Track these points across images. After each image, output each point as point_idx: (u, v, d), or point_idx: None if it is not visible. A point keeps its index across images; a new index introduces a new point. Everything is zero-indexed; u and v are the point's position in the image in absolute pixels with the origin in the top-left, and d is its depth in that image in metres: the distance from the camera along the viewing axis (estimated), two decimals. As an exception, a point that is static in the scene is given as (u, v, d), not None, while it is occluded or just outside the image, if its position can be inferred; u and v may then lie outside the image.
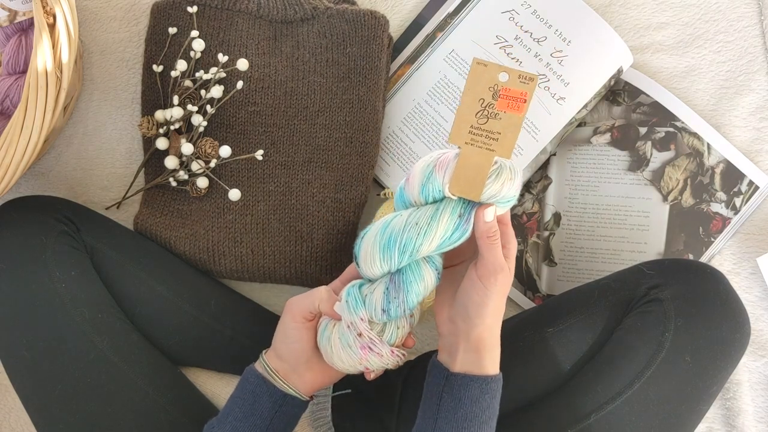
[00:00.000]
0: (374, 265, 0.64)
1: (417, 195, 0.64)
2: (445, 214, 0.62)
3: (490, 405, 0.62)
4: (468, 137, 0.61)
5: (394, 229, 0.63)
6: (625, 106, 0.93)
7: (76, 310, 0.74)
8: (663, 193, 0.91)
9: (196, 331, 0.83)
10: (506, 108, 0.60)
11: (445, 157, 0.63)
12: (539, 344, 0.76)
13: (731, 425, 0.88)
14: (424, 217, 0.62)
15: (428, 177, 0.63)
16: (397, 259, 0.63)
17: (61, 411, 0.73)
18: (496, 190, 0.62)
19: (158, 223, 0.87)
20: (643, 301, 0.73)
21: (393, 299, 0.63)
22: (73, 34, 0.72)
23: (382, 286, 0.64)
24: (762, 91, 0.94)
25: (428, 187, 0.63)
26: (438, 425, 0.62)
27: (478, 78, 0.60)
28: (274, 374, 0.67)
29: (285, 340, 0.68)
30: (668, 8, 0.96)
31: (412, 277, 0.64)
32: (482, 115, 0.61)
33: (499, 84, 0.60)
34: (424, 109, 0.91)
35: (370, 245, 0.64)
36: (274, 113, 0.89)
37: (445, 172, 0.62)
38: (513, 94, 0.60)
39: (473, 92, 0.61)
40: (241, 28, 0.90)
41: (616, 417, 0.70)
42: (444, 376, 0.63)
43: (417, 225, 0.62)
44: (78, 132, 0.94)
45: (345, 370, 0.67)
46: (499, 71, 0.60)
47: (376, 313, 0.64)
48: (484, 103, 0.61)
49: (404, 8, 0.96)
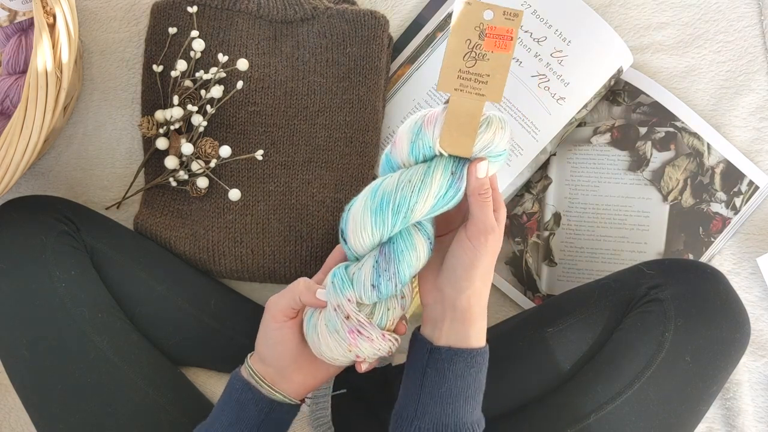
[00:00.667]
0: (365, 233, 0.60)
1: (406, 155, 0.61)
2: (438, 170, 0.59)
3: (476, 379, 0.61)
4: (457, 83, 0.59)
5: (386, 189, 0.60)
6: (625, 106, 0.93)
7: (76, 310, 0.74)
8: (663, 193, 0.91)
9: (196, 331, 0.83)
10: (493, 47, 0.58)
11: (432, 113, 0.61)
12: (539, 344, 0.76)
13: (731, 425, 0.88)
14: (416, 174, 0.59)
15: (417, 134, 0.60)
16: (391, 221, 0.59)
17: (61, 411, 0.73)
18: (488, 140, 0.59)
19: (158, 223, 0.87)
20: (643, 301, 0.73)
21: (383, 272, 0.60)
22: (73, 34, 0.72)
23: (371, 260, 0.61)
24: (762, 91, 0.94)
25: (418, 144, 0.60)
26: (422, 400, 0.60)
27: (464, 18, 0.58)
28: (261, 380, 0.65)
29: (267, 343, 0.65)
30: (668, 8, 0.96)
31: (403, 246, 0.60)
32: (470, 57, 0.58)
33: (484, 23, 0.58)
34: (424, 109, 0.91)
35: (359, 212, 0.60)
36: (274, 113, 0.89)
37: (434, 127, 0.60)
38: (499, 32, 0.58)
39: (460, 33, 0.58)
40: (241, 28, 0.90)
41: (616, 417, 0.70)
42: (427, 349, 0.61)
43: (410, 182, 0.59)
44: (78, 132, 0.94)
45: (334, 360, 0.62)
46: (484, 8, 0.58)
47: (366, 291, 0.60)
48: (471, 44, 0.58)
49: (404, 8, 0.96)
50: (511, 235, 0.92)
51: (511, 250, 0.92)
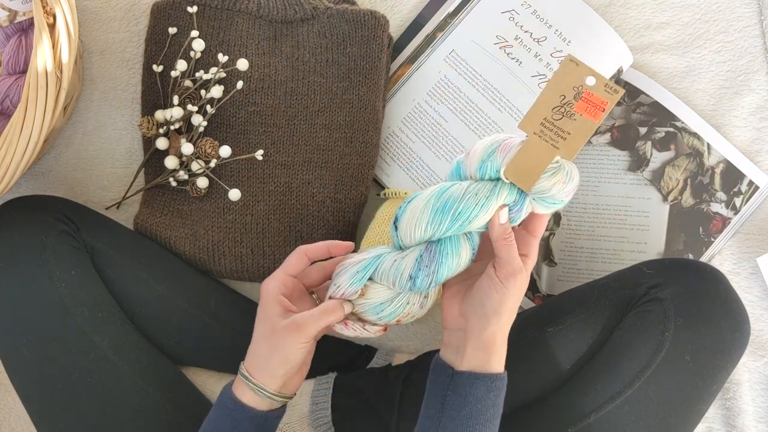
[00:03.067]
0: (418, 229, 0.63)
1: (474, 170, 0.64)
2: (503, 192, 0.62)
3: (495, 403, 0.62)
4: (538, 128, 0.62)
5: (452, 195, 0.62)
6: (625, 106, 0.93)
7: (76, 310, 0.74)
8: (663, 193, 0.91)
9: (196, 331, 0.83)
10: (584, 111, 0.61)
11: (510, 141, 0.63)
12: (539, 344, 0.76)
13: (731, 425, 0.88)
14: (484, 189, 0.62)
15: (489, 155, 0.63)
16: (447, 225, 0.62)
17: (61, 411, 0.73)
18: (547, 187, 0.62)
19: (158, 223, 0.87)
20: (643, 301, 0.73)
21: (424, 267, 0.62)
22: (73, 34, 0.72)
23: (416, 253, 0.63)
24: (762, 91, 0.94)
25: (487, 164, 0.63)
26: (442, 424, 0.62)
27: (566, 75, 0.61)
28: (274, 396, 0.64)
29: (291, 362, 0.63)
30: (668, 8, 0.96)
31: (450, 249, 0.63)
32: (558, 111, 0.61)
33: (584, 86, 0.61)
34: (424, 109, 0.91)
35: (420, 208, 0.63)
36: (274, 113, 0.89)
37: (507, 154, 0.62)
38: (595, 100, 0.61)
39: (557, 87, 0.61)
40: (241, 28, 0.90)
41: (616, 416, 0.70)
42: (449, 374, 0.63)
43: (476, 196, 0.62)
44: (78, 132, 0.94)
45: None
46: (589, 74, 0.61)
47: (402, 279, 0.63)
48: (564, 100, 0.61)
49: (404, 8, 0.96)
50: (511, 235, 0.92)
51: (511, 250, 0.92)
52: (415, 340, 0.91)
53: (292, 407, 0.82)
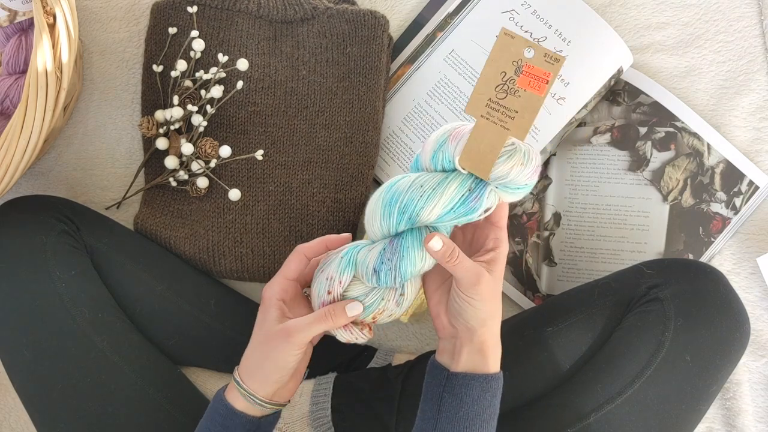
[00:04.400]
0: (374, 222, 0.62)
1: (428, 161, 0.63)
2: (453, 183, 0.60)
3: (491, 404, 0.62)
4: (485, 110, 0.59)
5: (399, 188, 0.62)
6: (625, 106, 0.93)
7: (76, 310, 0.74)
8: (663, 193, 0.91)
9: (196, 331, 0.83)
10: (527, 86, 0.58)
11: (461, 129, 0.62)
12: (539, 344, 0.76)
13: (731, 425, 0.88)
14: (431, 181, 0.61)
15: (441, 145, 0.62)
16: (396, 219, 0.61)
17: (61, 411, 0.73)
18: (504, 172, 0.60)
19: (158, 223, 0.87)
20: (643, 301, 0.73)
21: (386, 260, 0.61)
22: (73, 34, 0.72)
23: (380, 246, 0.63)
24: (762, 91, 0.94)
25: (439, 155, 0.62)
26: (439, 425, 0.62)
27: (503, 49, 0.58)
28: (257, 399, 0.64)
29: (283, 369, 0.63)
30: (668, 8, 0.96)
31: (410, 243, 0.61)
32: (502, 89, 0.59)
33: (523, 59, 0.58)
34: (424, 109, 0.91)
35: (374, 202, 0.63)
36: (274, 113, 0.89)
37: (458, 143, 0.61)
38: (536, 72, 0.58)
39: (496, 64, 0.58)
40: (241, 28, 0.90)
41: (616, 416, 0.70)
42: (444, 375, 0.63)
43: (421, 188, 0.61)
44: (78, 132, 0.94)
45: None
46: (526, 46, 0.58)
47: (367, 272, 0.62)
48: (505, 77, 0.59)
49: (404, 8, 0.96)
50: (511, 235, 0.92)
51: (511, 250, 0.92)
52: (415, 340, 0.91)
53: (292, 407, 0.83)
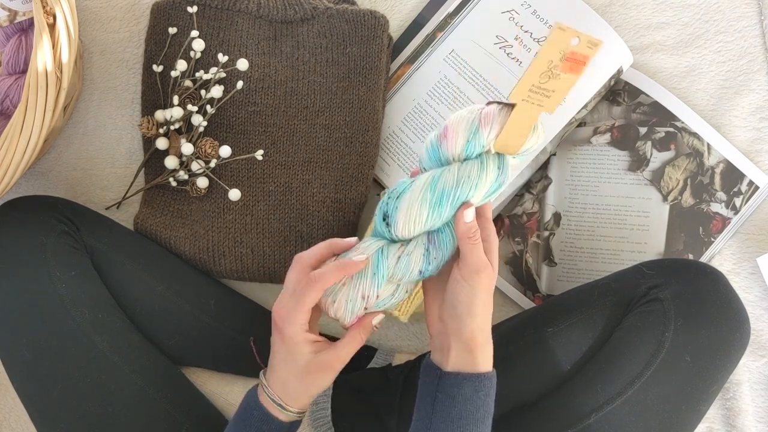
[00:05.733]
0: (418, 224, 0.63)
1: (460, 151, 0.63)
2: (490, 166, 0.63)
3: (485, 403, 0.62)
4: (526, 95, 0.61)
5: (447, 184, 0.62)
6: (625, 106, 0.93)
7: (76, 310, 0.74)
8: (663, 193, 0.91)
9: (196, 331, 0.83)
10: (568, 69, 0.61)
11: (488, 113, 0.63)
12: (539, 344, 0.76)
13: (731, 425, 0.88)
14: (474, 170, 0.63)
15: (474, 132, 0.62)
16: (447, 214, 0.63)
17: (61, 411, 0.73)
18: (533, 143, 0.63)
19: (158, 223, 0.87)
20: (643, 301, 0.73)
21: (433, 259, 0.63)
22: (73, 34, 0.72)
23: (421, 248, 0.64)
24: (762, 91, 0.94)
25: (474, 143, 0.63)
26: (433, 425, 0.62)
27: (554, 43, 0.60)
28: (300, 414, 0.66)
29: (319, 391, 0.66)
30: (668, 8, 0.96)
31: (451, 235, 0.64)
32: (545, 75, 0.61)
33: (569, 47, 0.60)
34: (424, 109, 0.91)
35: (417, 204, 0.63)
36: (274, 113, 0.89)
37: (491, 128, 0.62)
38: (577, 57, 0.60)
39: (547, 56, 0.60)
40: (241, 28, 0.90)
41: (617, 417, 0.70)
42: (437, 375, 0.63)
43: (470, 178, 0.62)
44: (78, 132, 0.94)
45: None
46: (573, 35, 0.60)
47: (412, 275, 0.63)
48: (551, 65, 0.61)
49: (404, 8, 0.96)
50: (511, 235, 0.92)
51: (511, 250, 0.92)
52: (415, 340, 0.91)
53: (292, 407, 0.83)
